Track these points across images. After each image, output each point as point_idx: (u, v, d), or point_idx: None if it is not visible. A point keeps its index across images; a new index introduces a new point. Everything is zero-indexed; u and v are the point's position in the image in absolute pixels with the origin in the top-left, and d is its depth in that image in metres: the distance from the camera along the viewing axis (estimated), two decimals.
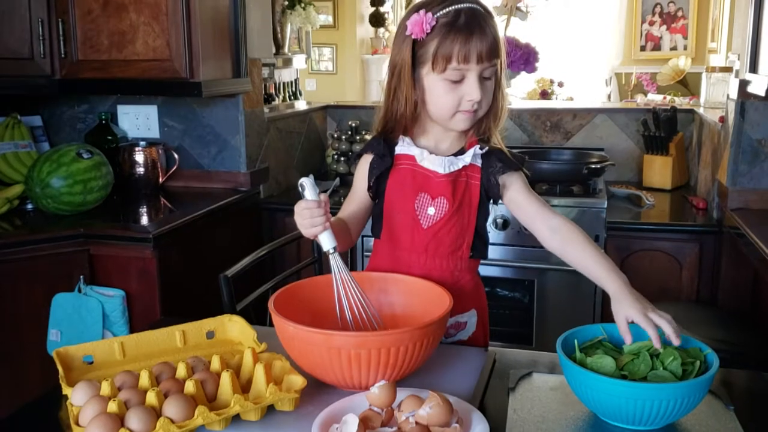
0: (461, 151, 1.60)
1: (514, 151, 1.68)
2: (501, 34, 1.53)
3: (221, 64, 2.90)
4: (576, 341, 1.30)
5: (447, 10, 1.46)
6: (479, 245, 1.63)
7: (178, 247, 2.58)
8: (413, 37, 1.48)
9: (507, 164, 1.58)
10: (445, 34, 1.45)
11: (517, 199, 1.60)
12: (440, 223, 1.58)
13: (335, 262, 1.42)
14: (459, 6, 1.46)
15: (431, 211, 1.58)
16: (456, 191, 1.57)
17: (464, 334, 1.67)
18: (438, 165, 1.57)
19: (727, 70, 3.31)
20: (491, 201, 1.62)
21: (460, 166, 1.57)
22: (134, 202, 2.96)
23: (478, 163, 1.59)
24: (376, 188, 1.63)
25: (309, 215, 1.39)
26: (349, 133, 3.67)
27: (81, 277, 2.46)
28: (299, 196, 1.42)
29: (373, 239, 1.70)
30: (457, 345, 1.63)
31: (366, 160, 1.64)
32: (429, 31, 1.46)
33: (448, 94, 1.50)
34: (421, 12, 1.47)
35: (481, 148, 1.58)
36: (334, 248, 1.42)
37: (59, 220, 2.59)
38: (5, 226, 2.54)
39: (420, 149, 1.59)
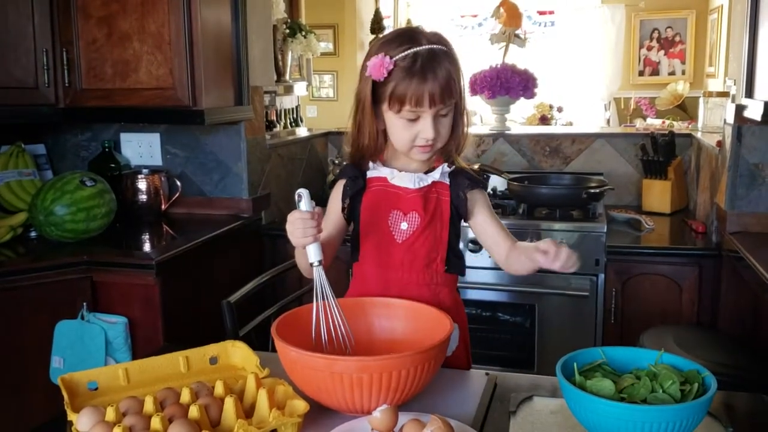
0: (430, 171, 1.67)
1: (513, 176, 1.72)
2: (462, 71, 1.60)
3: (223, 92, 2.93)
4: (575, 364, 1.31)
5: (405, 53, 1.53)
6: (453, 260, 1.68)
7: (180, 273, 2.60)
8: (373, 78, 1.55)
9: (474, 181, 1.66)
10: (401, 78, 1.52)
11: (482, 223, 1.68)
12: (413, 236, 1.64)
13: (319, 275, 1.46)
14: (417, 48, 1.53)
15: (404, 226, 1.64)
16: (427, 205, 1.64)
17: (448, 350, 1.68)
18: (408, 181, 1.65)
19: (725, 94, 3.33)
20: (462, 219, 1.69)
21: (430, 181, 1.65)
22: (137, 230, 2.97)
23: (446, 180, 1.66)
24: (351, 211, 1.69)
25: (302, 225, 1.44)
26: None
27: (84, 304, 2.47)
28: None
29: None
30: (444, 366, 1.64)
31: (339, 185, 1.72)
32: (386, 75, 1.53)
33: (404, 131, 1.58)
34: (380, 55, 1.53)
35: (449, 166, 1.66)
36: (320, 261, 1.46)
37: (62, 248, 2.61)
38: (9, 254, 2.56)
39: (390, 169, 1.67)
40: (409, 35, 1.56)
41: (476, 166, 3.49)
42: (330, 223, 1.71)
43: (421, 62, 1.52)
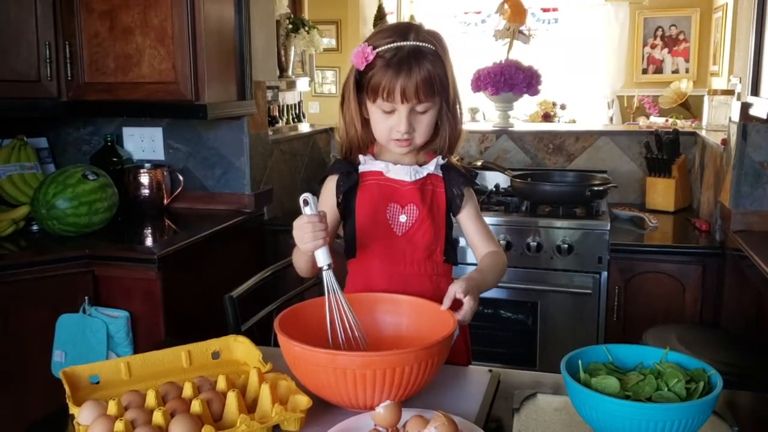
0: (423, 163, 1.68)
1: (516, 173, 1.72)
2: (452, 71, 1.58)
3: (226, 86, 2.93)
4: (580, 362, 1.30)
5: (389, 46, 1.53)
6: (450, 251, 1.70)
7: (182, 268, 2.59)
8: (355, 66, 1.56)
9: (467, 178, 1.68)
10: (378, 69, 1.53)
11: (467, 222, 1.70)
12: (413, 228, 1.64)
13: (329, 278, 1.45)
14: (402, 43, 1.53)
15: (403, 218, 1.64)
16: (424, 197, 1.65)
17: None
18: (404, 174, 1.64)
19: (729, 92, 3.33)
20: (452, 213, 1.70)
21: (425, 173, 1.66)
22: (139, 224, 2.97)
23: (440, 173, 1.67)
24: (345, 207, 1.68)
25: (311, 229, 1.43)
26: None
27: (86, 298, 2.47)
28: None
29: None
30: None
31: (331, 181, 1.70)
32: (368, 63, 1.53)
33: (381, 122, 1.59)
34: (364, 45, 1.54)
35: (443, 158, 1.67)
36: (329, 265, 1.45)
37: (64, 242, 2.60)
38: (10, 248, 2.55)
39: (385, 162, 1.66)
40: (402, 30, 1.55)
41: (479, 163, 3.49)
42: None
43: (399, 56, 1.51)
